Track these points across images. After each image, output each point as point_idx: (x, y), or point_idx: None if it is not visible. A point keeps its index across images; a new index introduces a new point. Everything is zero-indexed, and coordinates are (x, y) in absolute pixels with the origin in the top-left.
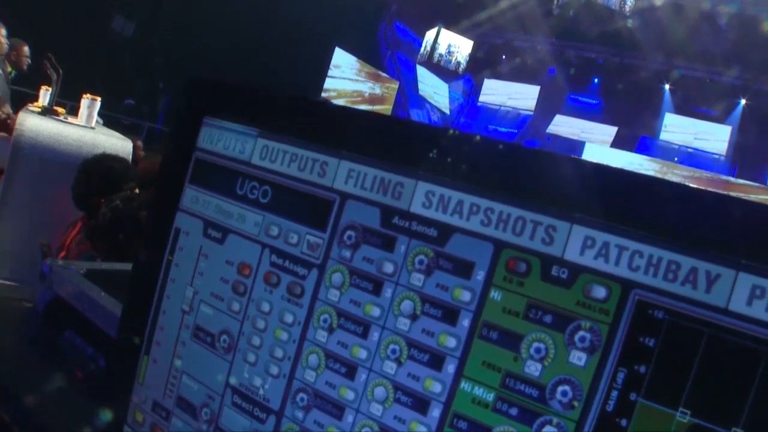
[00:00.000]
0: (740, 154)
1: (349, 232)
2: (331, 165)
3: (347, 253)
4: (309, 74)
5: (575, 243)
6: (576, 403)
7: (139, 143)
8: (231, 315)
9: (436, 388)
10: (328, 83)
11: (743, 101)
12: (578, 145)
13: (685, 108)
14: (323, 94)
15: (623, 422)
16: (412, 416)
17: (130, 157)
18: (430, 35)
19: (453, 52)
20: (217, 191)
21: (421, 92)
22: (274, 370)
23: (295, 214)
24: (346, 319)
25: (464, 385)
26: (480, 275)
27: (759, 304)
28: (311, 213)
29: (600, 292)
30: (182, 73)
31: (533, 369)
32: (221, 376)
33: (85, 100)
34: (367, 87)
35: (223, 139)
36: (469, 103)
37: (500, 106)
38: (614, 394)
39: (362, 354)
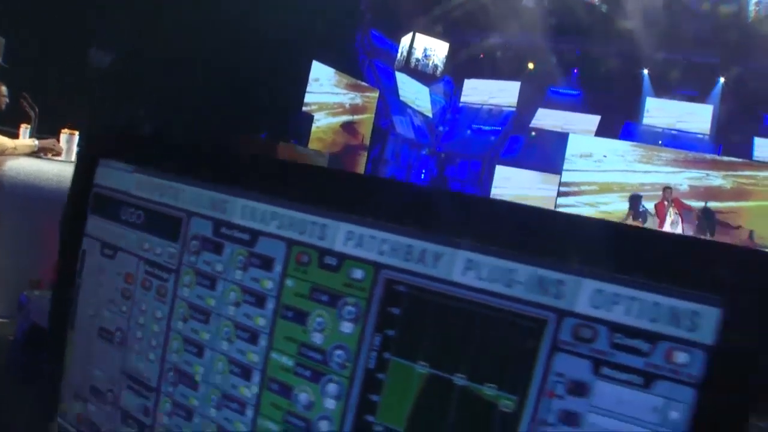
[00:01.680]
0: (724, 132)
1: (193, 242)
2: (180, 190)
3: (193, 259)
4: (289, 90)
5: (340, 237)
6: (348, 364)
7: None
8: (121, 315)
9: (255, 359)
10: (309, 97)
11: (722, 79)
12: (563, 137)
13: (666, 91)
14: (304, 108)
15: (381, 376)
16: (241, 383)
17: None
18: (405, 41)
19: (429, 56)
20: (109, 218)
21: (402, 98)
22: (152, 355)
23: (159, 230)
24: (195, 310)
25: (273, 355)
26: (278, 268)
27: (471, 274)
28: (168, 229)
29: (358, 273)
30: (163, 99)
31: (317, 338)
32: (119, 365)
33: (64, 135)
34: (348, 98)
35: (112, 176)
36: (451, 105)
37: (482, 104)
38: (373, 354)
39: (207, 337)
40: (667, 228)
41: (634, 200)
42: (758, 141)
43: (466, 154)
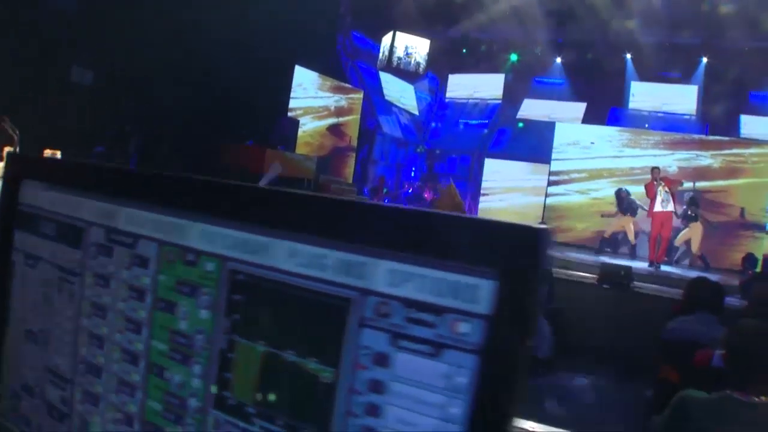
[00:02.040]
0: (710, 111)
1: (92, 248)
2: (82, 204)
3: (93, 262)
4: (273, 97)
5: (196, 235)
6: (207, 346)
7: None
8: (43, 317)
9: (140, 347)
10: (294, 102)
11: (705, 59)
12: (550, 127)
13: (650, 74)
14: (290, 114)
15: (232, 356)
16: (131, 369)
17: None
18: (386, 40)
19: (411, 54)
20: (30, 231)
21: (387, 97)
22: (66, 351)
23: (67, 240)
24: (96, 307)
25: (153, 342)
26: (153, 266)
27: (292, 261)
28: (74, 238)
29: (210, 266)
30: (147, 112)
31: (183, 325)
32: (43, 363)
33: (47, 155)
34: (333, 101)
35: (31, 194)
36: (436, 101)
37: (468, 99)
38: (225, 337)
39: (105, 330)
40: (658, 207)
41: (619, 197)
42: (744, 118)
43: (454, 150)
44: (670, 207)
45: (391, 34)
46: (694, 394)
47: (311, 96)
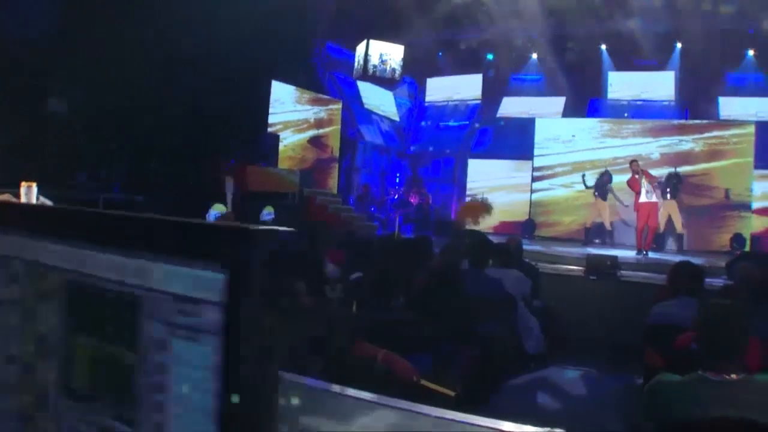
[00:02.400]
0: (688, 95)
1: None
2: None
3: None
4: (252, 114)
5: (44, 252)
6: (56, 342)
7: None
8: None
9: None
10: (273, 118)
11: (679, 44)
12: (530, 123)
13: (626, 63)
14: (270, 129)
15: (71, 348)
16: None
17: None
18: (360, 49)
19: (386, 61)
20: None
21: (366, 106)
22: None
23: None
24: None
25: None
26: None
27: (95, 267)
28: None
29: (53, 276)
30: (128, 138)
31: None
32: None
33: (23, 188)
34: (312, 113)
35: None
36: (416, 106)
37: (447, 101)
38: (65, 335)
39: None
40: (643, 198)
41: (600, 179)
42: (723, 100)
43: (437, 153)
44: (655, 198)
45: (364, 42)
46: (666, 378)
47: (290, 110)
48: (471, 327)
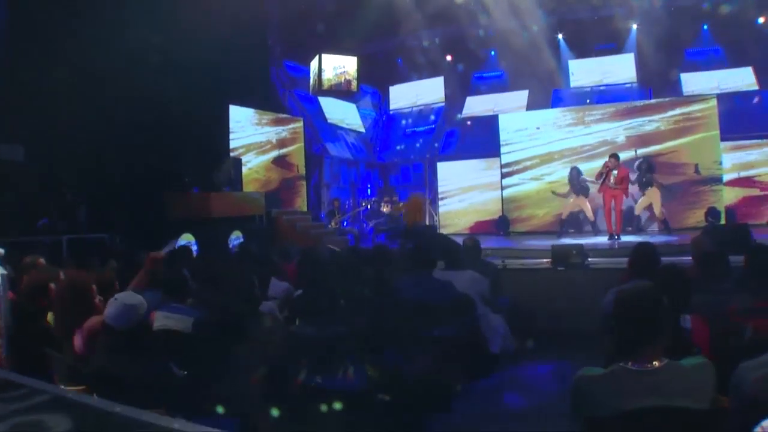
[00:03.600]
0: (650, 75)
1: None
2: None
3: None
4: (213, 141)
5: None
6: None
7: (41, 260)
8: None
9: None
10: (236, 142)
11: (635, 25)
12: (495, 120)
13: (585, 50)
14: (232, 154)
15: None
16: None
17: None
18: (313, 65)
19: (340, 73)
20: None
21: (329, 121)
22: None
23: None
24: None
25: None
26: None
27: None
28: None
29: None
30: (88, 178)
31: None
32: None
33: None
34: (274, 133)
35: None
36: (381, 115)
37: (411, 107)
38: None
39: None
40: (608, 186)
41: (571, 177)
42: (685, 76)
43: (405, 159)
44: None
45: (317, 57)
46: (588, 372)
47: (251, 133)
48: (419, 332)
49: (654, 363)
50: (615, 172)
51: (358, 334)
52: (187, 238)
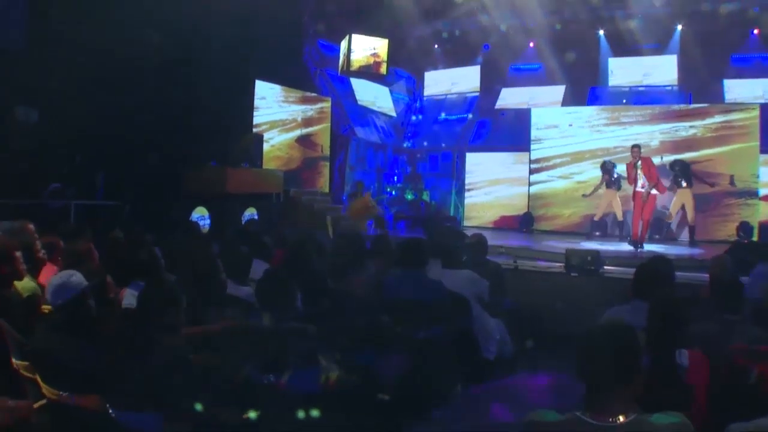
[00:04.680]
0: (691, 79)
1: None
2: None
3: None
4: (237, 115)
5: None
6: None
7: (30, 226)
8: None
9: None
10: (259, 118)
11: (680, 26)
12: (528, 114)
13: (625, 49)
14: (255, 129)
15: None
16: None
17: None
18: (343, 45)
19: (371, 55)
20: None
21: (360, 102)
22: None
23: None
24: None
25: None
26: None
27: None
28: None
29: None
30: (105, 144)
31: None
32: None
33: None
34: (300, 111)
35: None
36: (415, 100)
37: (446, 94)
38: None
39: None
40: (639, 188)
41: (605, 167)
42: (728, 83)
43: (435, 147)
44: (654, 190)
45: (347, 37)
46: (539, 418)
47: (276, 110)
48: (400, 332)
49: (619, 417)
50: (639, 164)
51: (321, 331)
52: (200, 212)
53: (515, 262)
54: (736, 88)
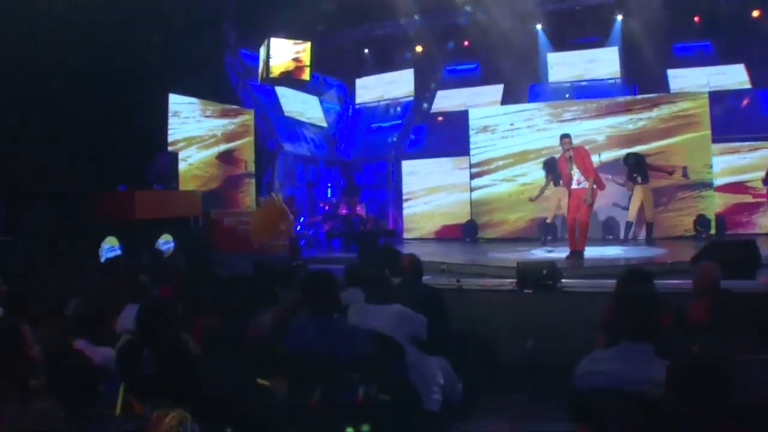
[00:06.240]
0: (635, 70)
1: None
2: None
3: None
4: (149, 132)
5: None
6: None
7: None
8: None
9: None
10: (175, 134)
11: (620, 17)
12: (466, 115)
13: (564, 43)
14: (171, 147)
15: None
16: None
17: None
18: (262, 51)
19: (291, 59)
20: None
21: (287, 113)
22: None
23: None
24: None
25: None
26: None
27: None
28: None
29: None
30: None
31: None
32: None
33: None
34: (220, 125)
35: None
36: (347, 109)
37: (378, 101)
38: None
39: None
40: (573, 185)
41: (549, 165)
42: (672, 72)
43: (369, 157)
44: (586, 184)
45: (266, 42)
46: None
47: (193, 125)
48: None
49: None
50: (571, 155)
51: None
52: (110, 243)
53: (459, 282)
54: (681, 78)
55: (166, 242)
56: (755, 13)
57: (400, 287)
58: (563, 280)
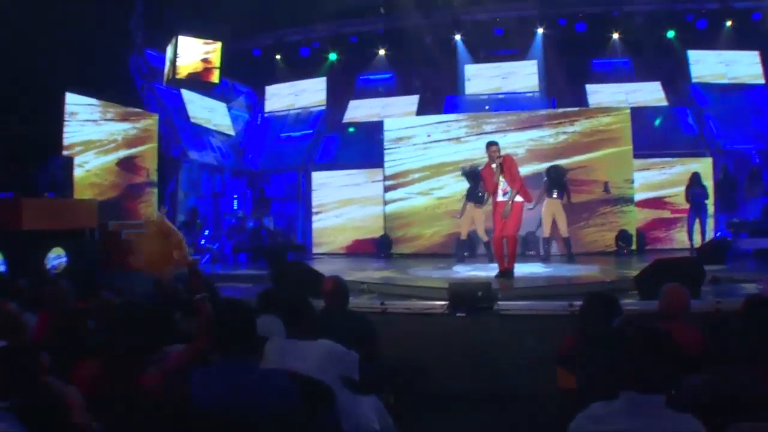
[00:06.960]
0: (554, 84)
1: None
2: None
3: None
4: (42, 135)
5: None
6: None
7: None
8: None
9: None
10: (72, 137)
11: (540, 30)
12: (380, 126)
13: (483, 55)
14: (67, 152)
15: None
16: None
17: None
18: (169, 50)
19: (200, 60)
20: None
21: (193, 119)
22: None
23: None
24: None
25: None
26: None
27: None
28: None
29: None
30: None
31: None
32: None
33: None
34: (121, 129)
35: None
36: (254, 118)
37: (288, 110)
38: None
39: None
40: (500, 197)
41: (470, 174)
42: (590, 87)
43: (278, 168)
44: (516, 198)
45: (173, 41)
46: None
47: (91, 128)
48: None
49: None
50: (500, 162)
51: None
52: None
53: (383, 304)
54: (599, 93)
55: (57, 257)
56: (670, 33)
57: (324, 317)
58: (499, 303)
